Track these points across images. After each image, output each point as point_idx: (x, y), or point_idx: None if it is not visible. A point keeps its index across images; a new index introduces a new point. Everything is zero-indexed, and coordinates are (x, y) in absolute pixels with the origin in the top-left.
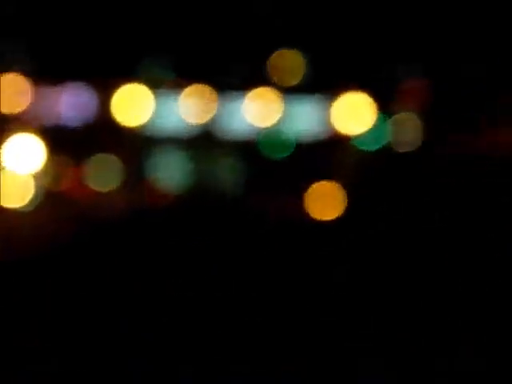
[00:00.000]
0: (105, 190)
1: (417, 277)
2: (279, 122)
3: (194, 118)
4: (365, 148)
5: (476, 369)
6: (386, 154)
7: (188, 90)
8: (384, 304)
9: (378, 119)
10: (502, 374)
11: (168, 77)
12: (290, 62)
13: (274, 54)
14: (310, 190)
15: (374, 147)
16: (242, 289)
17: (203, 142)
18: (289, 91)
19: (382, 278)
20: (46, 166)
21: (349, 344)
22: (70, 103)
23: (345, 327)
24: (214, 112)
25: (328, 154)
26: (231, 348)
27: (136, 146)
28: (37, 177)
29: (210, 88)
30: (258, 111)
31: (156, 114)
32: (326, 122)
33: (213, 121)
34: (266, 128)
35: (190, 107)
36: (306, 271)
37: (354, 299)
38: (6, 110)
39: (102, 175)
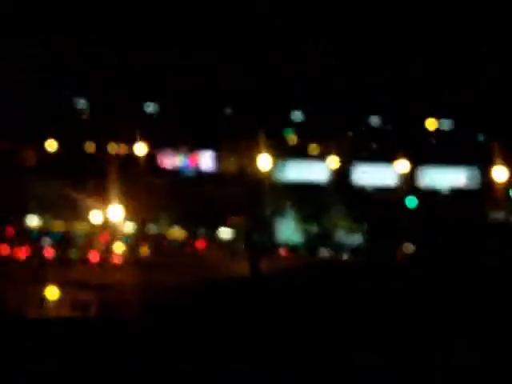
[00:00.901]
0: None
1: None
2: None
3: (333, 170)
4: None
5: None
6: None
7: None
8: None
9: None
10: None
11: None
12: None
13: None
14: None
15: None
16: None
17: (340, 194)
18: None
19: None
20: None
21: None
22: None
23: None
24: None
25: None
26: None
27: (265, 205)
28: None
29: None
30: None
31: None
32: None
33: (350, 171)
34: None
35: (329, 164)
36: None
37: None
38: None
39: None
